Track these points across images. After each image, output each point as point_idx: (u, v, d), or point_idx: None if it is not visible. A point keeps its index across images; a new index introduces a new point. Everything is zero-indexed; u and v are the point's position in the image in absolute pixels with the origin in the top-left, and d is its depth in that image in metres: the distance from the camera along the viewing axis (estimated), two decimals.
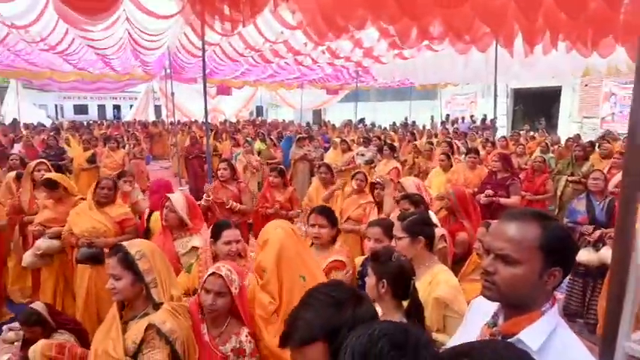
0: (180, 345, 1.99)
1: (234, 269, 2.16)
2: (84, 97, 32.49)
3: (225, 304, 2.09)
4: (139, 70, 15.13)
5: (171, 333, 1.96)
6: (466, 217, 3.59)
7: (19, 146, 10.28)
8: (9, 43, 9.47)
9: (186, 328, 2.08)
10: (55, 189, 4.07)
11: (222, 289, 2.06)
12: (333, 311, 1.31)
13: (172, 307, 2.05)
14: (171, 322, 1.99)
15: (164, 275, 2.09)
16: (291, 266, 2.30)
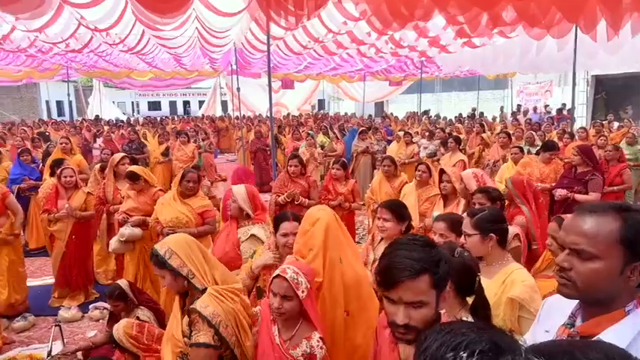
0: (224, 328, 2.03)
1: (302, 270, 2.07)
2: (157, 94, 34.50)
3: (293, 307, 2.01)
4: (207, 67, 15.80)
5: (213, 317, 2.02)
6: (525, 203, 3.38)
7: (100, 141, 11.18)
8: (92, 45, 10.30)
9: (232, 311, 2.08)
10: (136, 181, 4.36)
11: (288, 292, 1.98)
12: (429, 249, 1.37)
13: (216, 290, 2.10)
14: (214, 305, 2.05)
15: (200, 263, 2.15)
16: (334, 246, 2.40)
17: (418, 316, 1.32)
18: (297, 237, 2.51)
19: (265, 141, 10.27)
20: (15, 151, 7.74)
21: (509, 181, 3.60)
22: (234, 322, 2.09)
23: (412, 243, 1.38)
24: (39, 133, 10.36)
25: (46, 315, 4.65)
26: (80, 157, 6.99)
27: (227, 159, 16.05)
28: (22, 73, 16.68)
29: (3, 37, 8.92)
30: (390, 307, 1.34)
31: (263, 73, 17.16)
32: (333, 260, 2.37)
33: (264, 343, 2.08)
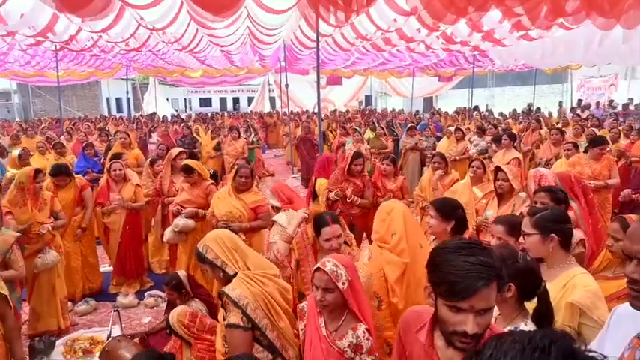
0: (252, 310, 2.14)
1: (342, 262, 2.09)
2: (208, 91, 35.60)
3: (336, 298, 2.03)
4: (256, 64, 16.10)
5: (239, 298, 2.15)
6: (574, 199, 3.17)
7: (155, 136, 11.70)
8: (150, 44, 10.78)
9: (261, 294, 2.18)
10: (191, 174, 4.53)
11: (329, 284, 2.01)
12: (488, 251, 1.31)
13: (245, 275, 2.24)
14: (241, 288, 2.18)
15: (230, 252, 2.31)
16: (413, 232, 2.61)
17: (484, 322, 1.26)
18: (376, 226, 2.70)
19: (312, 136, 10.33)
20: (79, 146, 8.26)
21: (556, 177, 3.42)
22: (263, 304, 2.18)
23: (471, 247, 1.31)
24: (99, 128, 10.97)
25: (105, 300, 4.93)
26: (138, 152, 7.33)
27: (274, 154, 16.31)
28: (86, 72, 17.78)
29: (70, 37, 9.51)
30: (456, 316, 1.27)
31: (311, 70, 17.29)
32: (414, 244, 2.54)
33: (311, 336, 2.11)
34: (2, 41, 10.28)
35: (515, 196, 3.65)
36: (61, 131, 11.40)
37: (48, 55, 12.51)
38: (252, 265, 2.31)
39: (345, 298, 2.03)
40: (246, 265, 2.31)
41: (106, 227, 5.08)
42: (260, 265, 2.34)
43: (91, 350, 3.86)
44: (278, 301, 2.26)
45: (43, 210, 4.14)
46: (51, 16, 7.99)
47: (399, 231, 2.55)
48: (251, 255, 2.38)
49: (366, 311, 2.12)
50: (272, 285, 2.27)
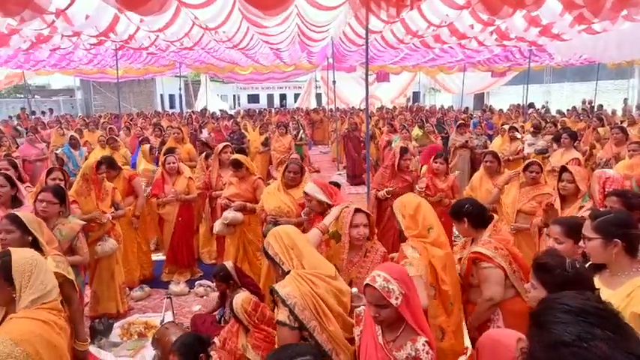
0: (300, 310, 2.09)
1: (393, 276, 1.95)
2: (256, 88, 36.27)
3: (390, 314, 1.93)
4: (304, 61, 16.22)
5: (287, 296, 2.11)
6: None
7: (206, 131, 12.07)
8: (203, 42, 11.13)
9: (310, 294, 2.13)
10: (239, 168, 4.64)
11: (381, 301, 1.91)
12: None
13: (298, 273, 2.21)
14: (291, 287, 2.15)
15: (286, 250, 2.32)
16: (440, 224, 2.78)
17: None
18: (408, 223, 2.72)
19: (359, 133, 10.29)
20: (136, 140, 8.67)
21: (632, 181, 3.20)
22: (312, 305, 2.12)
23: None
24: (154, 123, 11.46)
25: (158, 287, 5.16)
26: (190, 146, 7.59)
27: (320, 151, 16.38)
28: (142, 70, 18.64)
29: (129, 37, 9.99)
30: None
31: (358, 66, 17.20)
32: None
33: (367, 343, 2.04)
34: (68, 41, 10.95)
35: (580, 198, 3.45)
36: (119, 126, 12.03)
37: (109, 53, 13.20)
38: (307, 265, 2.27)
39: (401, 314, 1.92)
40: (301, 264, 2.28)
41: (161, 218, 5.30)
42: (316, 265, 2.30)
43: (145, 334, 4.06)
44: (329, 303, 2.18)
45: (104, 200, 4.38)
46: (113, 16, 8.42)
47: (435, 225, 2.69)
48: (308, 254, 2.34)
49: (424, 324, 2.02)
50: (324, 286, 2.20)
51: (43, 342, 1.83)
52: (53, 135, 10.40)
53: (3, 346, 1.73)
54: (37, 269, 1.97)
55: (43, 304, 1.94)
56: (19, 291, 1.91)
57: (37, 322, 1.86)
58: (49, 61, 14.56)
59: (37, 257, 2.05)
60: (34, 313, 1.89)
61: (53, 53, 13.06)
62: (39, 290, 1.94)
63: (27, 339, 1.79)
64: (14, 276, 1.91)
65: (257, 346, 2.61)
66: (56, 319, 1.95)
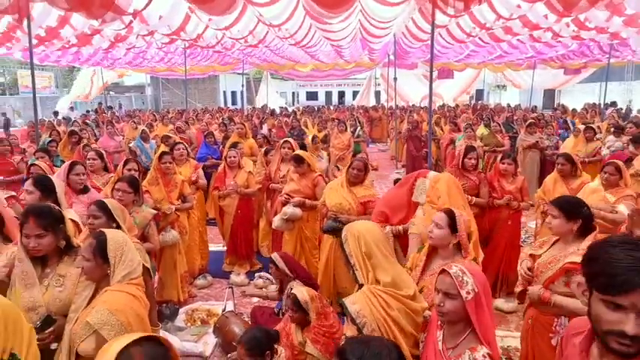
0: (368, 329, 2.00)
1: (471, 270, 1.88)
2: (315, 85, 36.63)
3: (456, 308, 1.81)
4: (365, 59, 16.11)
5: (357, 315, 2.02)
6: None
7: (265, 127, 12.34)
8: (266, 40, 11.37)
9: (382, 319, 2.02)
10: (301, 164, 4.68)
11: (451, 289, 1.81)
12: None
13: (371, 291, 2.08)
14: (361, 305, 2.05)
15: (363, 260, 2.18)
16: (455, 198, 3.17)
17: None
18: (428, 192, 3.25)
19: (420, 132, 10.05)
20: (201, 134, 9.03)
21: None
22: (383, 329, 2.03)
23: (637, 244, 1.20)
24: (223, 119, 11.89)
25: (220, 277, 5.33)
26: (252, 141, 7.77)
27: (379, 149, 16.21)
28: (207, 67, 19.41)
29: (197, 36, 10.43)
30: (613, 313, 1.17)
31: (420, 63, 16.81)
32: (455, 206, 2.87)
33: (428, 348, 1.98)
34: (142, 40, 11.63)
35: None
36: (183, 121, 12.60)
37: (178, 52, 13.87)
38: (383, 279, 2.13)
39: (467, 312, 1.80)
40: (376, 278, 2.13)
41: (221, 210, 5.47)
42: (394, 282, 2.14)
43: (207, 321, 4.21)
44: (401, 325, 2.08)
45: (173, 192, 4.57)
46: (184, 16, 8.82)
47: (443, 195, 3.20)
48: (386, 267, 2.16)
49: (489, 332, 1.86)
50: (399, 308, 2.08)
51: (133, 313, 2.00)
52: (127, 129, 11.09)
53: (100, 315, 1.92)
54: (126, 247, 2.14)
55: (131, 280, 2.11)
56: (113, 267, 2.08)
57: (129, 295, 2.04)
58: (125, 59, 15.57)
59: (126, 237, 2.23)
60: (126, 288, 2.06)
61: (129, 52, 13.95)
62: (129, 267, 2.11)
63: (121, 309, 1.96)
64: (109, 254, 2.08)
65: (316, 340, 2.60)
66: (141, 294, 2.12)
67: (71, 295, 2.19)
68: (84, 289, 2.13)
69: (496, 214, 4.56)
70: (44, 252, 2.24)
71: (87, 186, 3.83)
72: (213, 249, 5.79)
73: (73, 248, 2.35)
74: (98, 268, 2.09)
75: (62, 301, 2.20)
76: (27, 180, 3.31)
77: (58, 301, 2.19)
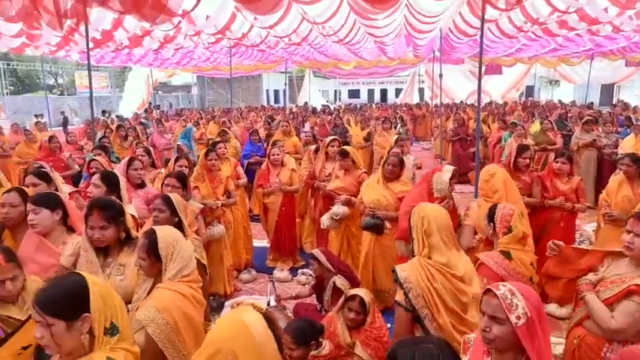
0: (414, 295, 2.14)
1: (522, 291, 1.62)
2: (357, 83, 36.45)
3: (505, 335, 1.57)
4: (409, 55, 15.84)
5: (404, 280, 2.18)
6: None
7: (308, 125, 12.40)
8: (310, 38, 11.40)
9: (425, 287, 2.16)
10: (345, 157, 4.67)
11: (498, 312, 1.58)
12: None
13: (420, 261, 2.24)
14: (410, 272, 2.20)
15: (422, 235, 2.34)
16: (512, 194, 3.38)
17: None
18: (481, 185, 3.48)
19: (466, 130, 9.76)
20: (246, 132, 9.20)
21: None
22: (428, 295, 2.15)
23: None
24: (268, 116, 12.07)
25: (264, 272, 5.41)
26: (296, 139, 7.83)
27: (422, 147, 15.90)
28: (252, 66, 19.73)
29: (243, 35, 10.60)
30: None
31: (466, 59, 16.34)
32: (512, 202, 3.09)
33: None
34: (190, 40, 11.98)
35: None
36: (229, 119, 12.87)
37: (224, 51, 14.18)
38: (437, 259, 2.26)
39: (518, 338, 1.56)
40: (429, 256, 2.27)
41: (265, 207, 5.54)
42: (447, 263, 2.26)
43: None
44: (443, 298, 2.17)
45: (218, 188, 4.69)
46: (230, 15, 9.00)
47: (500, 190, 3.41)
48: (442, 250, 2.28)
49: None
50: (443, 282, 2.20)
51: (180, 313, 2.04)
52: (177, 127, 11.47)
53: (148, 312, 1.99)
54: (178, 245, 2.18)
55: (184, 277, 2.14)
56: (165, 264, 2.14)
57: (178, 294, 2.07)
58: (173, 59, 16.11)
59: (177, 234, 2.26)
60: (176, 286, 2.10)
61: (177, 52, 14.42)
62: (180, 263, 2.15)
63: (168, 308, 2.01)
64: (160, 252, 2.14)
65: (367, 344, 2.59)
66: (194, 292, 2.15)
67: (130, 283, 2.31)
68: (144, 282, 2.24)
69: (548, 215, 4.34)
70: (107, 243, 2.36)
71: (144, 181, 3.98)
72: (257, 245, 5.88)
73: (132, 240, 2.46)
74: (153, 266, 2.17)
75: (123, 289, 2.31)
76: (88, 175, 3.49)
77: (119, 289, 2.30)
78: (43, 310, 1.47)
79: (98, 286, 1.58)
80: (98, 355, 1.51)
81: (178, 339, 2.03)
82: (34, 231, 2.57)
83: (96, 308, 1.52)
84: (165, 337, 1.99)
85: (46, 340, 1.47)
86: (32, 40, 9.95)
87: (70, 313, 1.49)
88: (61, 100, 27.60)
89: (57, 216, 2.64)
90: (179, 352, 2.05)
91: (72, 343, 1.50)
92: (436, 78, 12.61)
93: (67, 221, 2.72)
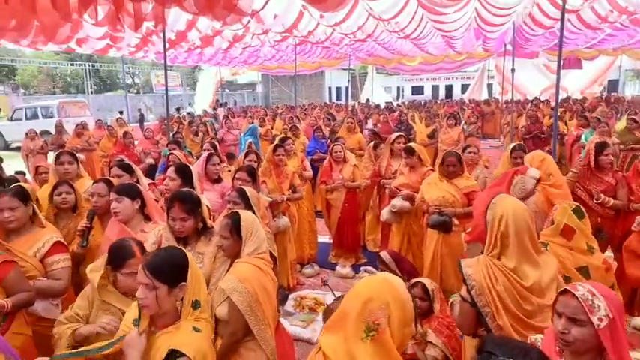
0: (477, 292, 2.12)
1: (601, 292, 1.56)
2: (420, 79, 35.63)
3: (585, 337, 1.51)
4: (478, 49, 15.22)
5: (468, 277, 2.16)
6: None
7: (370, 122, 12.33)
8: (374, 34, 11.30)
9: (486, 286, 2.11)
10: (411, 155, 4.60)
11: (577, 314, 1.53)
12: None
13: (487, 262, 2.18)
14: (474, 270, 2.16)
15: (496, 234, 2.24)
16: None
17: None
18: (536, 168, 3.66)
19: (540, 127, 9.20)
20: (310, 129, 9.32)
21: None
22: (489, 295, 2.11)
23: None
24: (328, 113, 12.18)
25: (326, 267, 5.46)
26: (360, 136, 7.82)
27: (490, 145, 15.19)
28: (315, 63, 19.94)
29: (308, 33, 10.74)
30: None
31: (541, 52, 15.38)
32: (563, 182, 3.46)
33: None
34: (257, 39, 12.33)
35: None
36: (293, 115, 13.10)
37: (289, 49, 14.45)
38: (505, 263, 2.15)
39: (598, 340, 1.51)
40: (499, 255, 2.18)
41: (328, 203, 5.58)
42: (514, 269, 2.13)
43: (315, 309, 4.34)
44: (505, 304, 2.10)
45: (284, 183, 4.80)
46: (297, 14, 9.15)
47: (555, 173, 3.67)
48: (513, 255, 2.14)
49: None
50: (506, 286, 2.09)
51: (258, 283, 2.22)
52: (244, 124, 11.89)
53: (230, 282, 2.18)
54: (255, 226, 2.39)
55: (259, 254, 2.33)
56: (244, 242, 2.33)
57: (255, 267, 2.27)
58: (240, 58, 16.67)
59: (255, 217, 2.49)
60: (254, 260, 2.29)
61: (244, 51, 14.90)
62: (256, 242, 2.34)
63: (248, 278, 2.20)
64: (242, 230, 2.33)
65: (440, 331, 2.55)
66: (268, 269, 2.34)
67: (208, 270, 2.45)
68: (221, 265, 2.42)
69: (632, 219, 3.98)
70: (186, 233, 2.52)
71: (220, 176, 4.16)
72: (320, 240, 5.93)
73: (208, 229, 2.59)
74: (235, 245, 2.34)
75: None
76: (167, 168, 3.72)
77: None
78: (152, 274, 1.66)
79: (193, 263, 1.78)
80: (185, 323, 1.71)
81: (258, 309, 2.19)
82: (116, 219, 2.79)
83: (190, 280, 1.73)
84: (247, 305, 2.15)
85: (149, 300, 1.66)
86: (115, 42, 10.74)
87: (172, 279, 1.69)
88: (138, 98, 29.54)
89: (136, 205, 2.85)
90: (259, 321, 2.20)
91: (169, 306, 1.70)
92: (507, 73, 11.98)
93: (145, 210, 2.92)
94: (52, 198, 3.19)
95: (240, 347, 2.22)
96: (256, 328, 2.19)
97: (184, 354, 1.60)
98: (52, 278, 2.58)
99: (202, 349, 1.67)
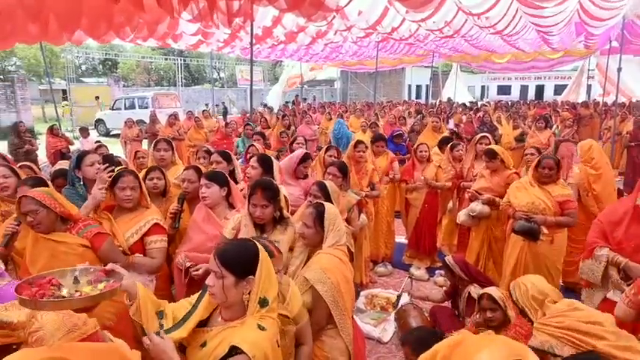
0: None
1: None
2: (508, 79, 33.66)
3: None
4: (578, 46, 13.97)
5: None
6: None
7: (452, 122, 11.87)
8: (462, 30, 10.79)
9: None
10: (493, 159, 4.36)
11: None
12: None
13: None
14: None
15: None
16: (602, 158, 4.51)
17: None
18: (582, 154, 4.23)
19: None
20: (389, 128, 9.18)
21: None
22: None
23: None
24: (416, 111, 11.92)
25: (399, 268, 5.36)
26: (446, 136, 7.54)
27: None
28: (396, 60, 19.57)
29: (392, 29, 10.54)
30: None
31: None
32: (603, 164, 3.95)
33: None
34: (339, 35, 12.35)
35: None
36: (371, 113, 12.99)
37: (371, 45, 14.31)
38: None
39: None
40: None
41: (407, 202, 5.45)
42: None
43: (386, 308, 4.27)
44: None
45: (363, 179, 4.75)
46: (382, 10, 9.02)
47: (597, 158, 4.37)
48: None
49: None
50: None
51: (341, 274, 2.28)
52: (323, 119, 12.02)
53: (315, 272, 2.23)
54: (337, 219, 2.44)
55: (339, 246, 2.37)
56: (326, 233, 2.37)
57: (337, 259, 2.32)
58: (322, 54, 16.82)
59: (337, 211, 2.52)
60: (335, 252, 2.34)
61: (326, 47, 15.01)
62: (337, 235, 2.38)
63: (331, 270, 2.24)
64: (325, 221, 2.37)
65: (516, 338, 2.40)
66: (347, 260, 2.38)
67: (284, 259, 2.46)
68: (300, 254, 2.46)
69: None
70: (265, 221, 2.57)
71: (307, 174, 4.16)
72: (396, 240, 5.83)
73: (285, 219, 2.64)
74: (317, 235, 2.38)
75: None
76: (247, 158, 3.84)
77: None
78: (222, 263, 1.67)
79: (266, 258, 1.74)
80: (250, 320, 1.66)
81: (340, 299, 2.24)
82: (204, 203, 2.93)
83: (259, 275, 1.68)
84: (331, 296, 2.20)
85: (216, 288, 1.66)
86: (206, 38, 11.35)
87: (240, 270, 1.67)
88: (222, 91, 31.06)
89: (223, 192, 2.97)
90: (341, 311, 2.25)
91: (235, 297, 1.68)
92: (610, 73, 10.86)
93: (229, 199, 3.03)
94: (145, 182, 3.44)
95: (322, 335, 2.29)
96: (338, 318, 2.25)
97: (244, 352, 1.55)
98: (149, 256, 2.77)
99: (264, 348, 1.60)
